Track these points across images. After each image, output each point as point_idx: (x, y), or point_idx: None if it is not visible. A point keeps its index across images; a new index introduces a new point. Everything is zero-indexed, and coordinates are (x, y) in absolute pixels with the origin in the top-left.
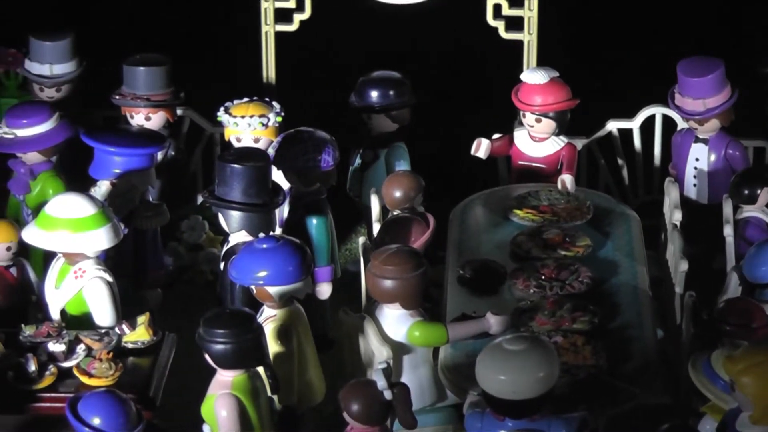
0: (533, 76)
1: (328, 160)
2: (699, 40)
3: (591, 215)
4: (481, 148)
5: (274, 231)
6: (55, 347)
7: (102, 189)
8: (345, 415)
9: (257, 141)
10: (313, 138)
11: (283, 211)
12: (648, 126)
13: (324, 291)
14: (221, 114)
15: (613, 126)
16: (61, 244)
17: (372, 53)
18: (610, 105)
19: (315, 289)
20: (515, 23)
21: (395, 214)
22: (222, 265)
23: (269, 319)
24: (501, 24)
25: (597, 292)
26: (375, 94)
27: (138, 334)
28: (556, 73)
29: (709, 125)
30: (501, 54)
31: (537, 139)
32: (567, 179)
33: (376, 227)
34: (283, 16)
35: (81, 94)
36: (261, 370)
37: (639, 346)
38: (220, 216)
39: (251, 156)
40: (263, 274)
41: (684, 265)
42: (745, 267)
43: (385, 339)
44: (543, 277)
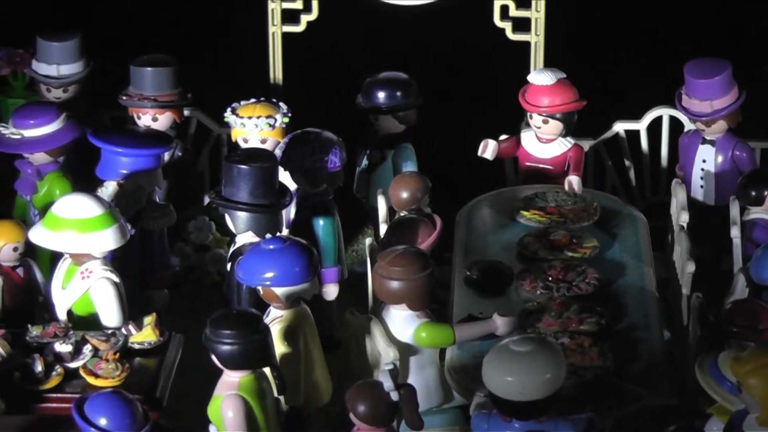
0: (540, 77)
1: (335, 161)
2: (706, 41)
3: (598, 216)
4: (488, 149)
5: (280, 232)
6: (62, 348)
7: (109, 189)
8: (351, 416)
9: (264, 142)
10: (320, 139)
11: (290, 212)
12: (655, 127)
13: (331, 292)
14: (228, 115)
15: (620, 127)
16: (68, 244)
17: (379, 54)
18: (617, 106)
19: (322, 290)
20: (522, 24)
21: (402, 215)
22: (229, 266)
23: (276, 320)
24: (508, 25)
25: (604, 293)
26: (382, 95)
27: (145, 334)
28: (563, 75)
29: (716, 126)
30: (508, 55)
31: (544, 141)
32: (574, 180)
33: (382, 228)
34: (290, 16)
35: (88, 94)
36: (267, 371)
37: (646, 347)
38: (226, 217)
39: (258, 157)
40: (270, 275)
41: (691, 267)
42: (752, 268)
43: (392, 340)
44: (550, 279)
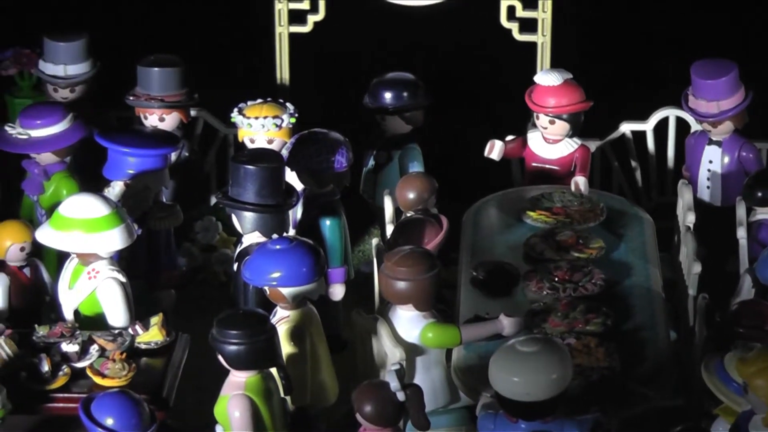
0: (547, 77)
1: (341, 161)
2: (713, 42)
3: (604, 217)
4: (495, 149)
5: (287, 232)
6: (69, 348)
7: (116, 190)
8: (358, 416)
9: (271, 142)
10: (327, 139)
11: (297, 213)
12: (661, 128)
13: (337, 292)
14: (235, 115)
15: (627, 128)
16: (75, 244)
17: (385, 54)
18: (623, 107)
19: (328, 291)
20: (529, 25)
21: (408, 215)
22: (235, 266)
23: (282, 320)
24: (515, 26)
25: (610, 294)
26: (389, 95)
27: (151, 334)
28: (569, 75)
29: (723, 127)
30: (514, 56)
31: (550, 141)
32: (580, 181)
33: (389, 229)
34: (297, 17)
35: (95, 94)
36: (274, 371)
37: (652, 348)
38: (233, 217)
39: (265, 157)
40: (277, 275)
41: (697, 267)
42: (759, 269)
43: (398, 340)
44: (556, 279)
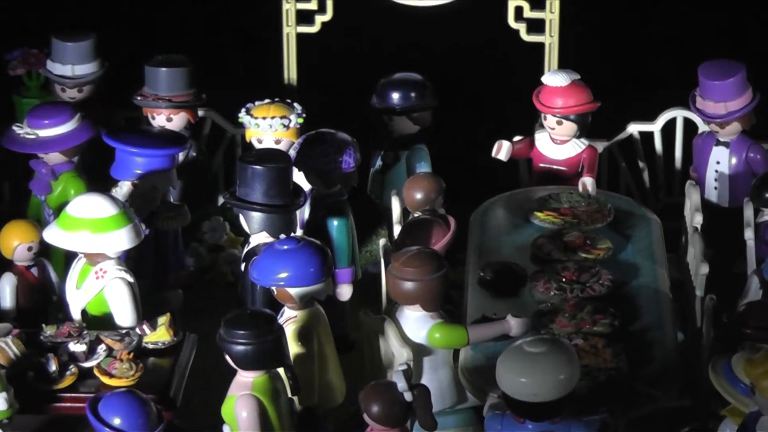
0: (554, 78)
1: (349, 161)
2: (720, 43)
3: (612, 218)
4: (502, 150)
5: (295, 232)
6: (76, 347)
7: (123, 189)
8: (365, 417)
9: (278, 142)
10: (335, 139)
11: (304, 213)
12: (669, 129)
13: (344, 292)
14: (242, 115)
15: (634, 129)
16: (82, 244)
17: (393, 55)
18: (631, 108)
19: (335, 291)
20: (536, 25)
21: (416, 216)
22: (243, 266)
23: (290, 321)
24: (522, 26)
25: (617, 294)
26: (396, 95)
27: (159, 334)
28: (577, 76)
29: (730, 128)
30: (522, 56)
31: (558, 142)
32: (588, 182)
33: (396, 229)
34: (305, 17)
35: (103, 94)
36: (281, 371)
37: (659, 348)
38: (241, 217)
39: (272, 157)
40: (284, 275)
41: (705, 268)
42: (766, 270)
43: (406, 341)
44: (563, 280)
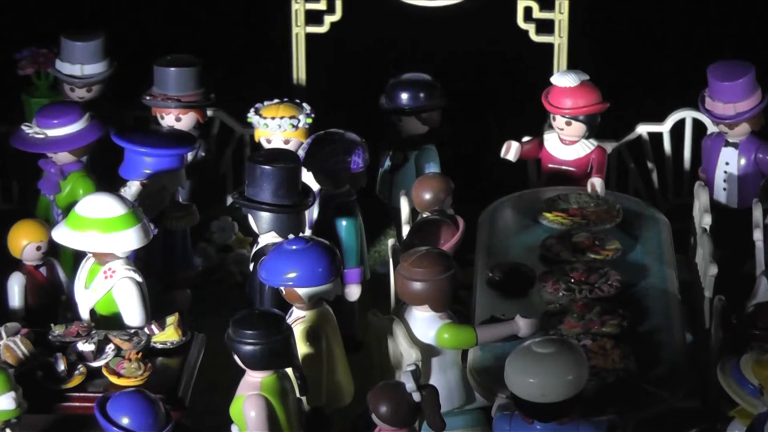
0: (563, 79)
1: (358, 161)
2: (729, 43)
3: (620, 219)
4: (511, 150)
5: (303, 232)
6: (85, 347)
7: (132, 189)
8: (373, 417)
9: (287, 142)
10: (344, 140)
11: (313, 213)
12: (678, 130)
13: (353, 293)
14: (251, 115)
15: (643, 129)
16: (91, 244)
17: (402, 55)
18: (640, 108)
19: (344, 291)
20: (546, 26)
21: (425, 216)
22: (251, 266)
23: (298, 321)
24: (531, 27)
25: (626, 295)
26: (405, 96)
27: (167, 334)
28: (586, 76)
29: (740, 129)
30: (531, 57)
31: (567, 142)
32: (597, 182)
33: (405, 229)
34: (314, 17)
35: (112, 94)
36: (290, 371)
37: (668, 349)
38: (249, 217)
39: (281, 157)
40: (293, 275)
41: (713, 269)
42: None
43: (414, 341)
44: (572, 281)
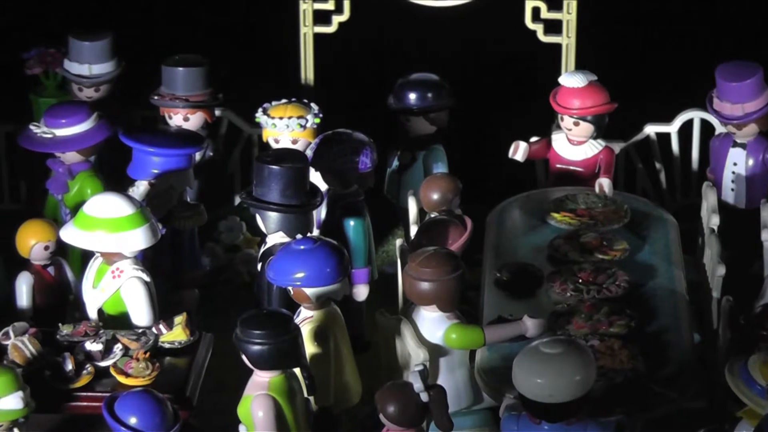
0: (571, 79)
1: (366, 162)
2: (737, 44)
3: (628, 219)
4: (519, 151)
5: (311, 232)
6: (93, 346)
7: (140, 189)
8: (381, 417)
9: (295, 142)
10: (351, 140)
11: (321, 213)
12: (686, 130)
13: (361, 293)
14: (259, 115)
15: (651, 130)
16: (99, 243)
17: (410, 55)
18: (648, 109)
19: (352, 291)
20: (554, 26)
21: (432, 216)
22: (259, 266)
23: (306, 321)
24: (539, 27)
25: (634, 295)
26: (413, 96)
27: (175, 334)
28: (594, 77)
29: (748, 130)
30: (539, 57)
31: (575, 143)
32: (605, 183)
33: (413, 229)
34: (322, 17)
35: (120, 94)
36: (298, 371)
37: (676, 350)
38: (257, 217)
39: (289, 157)
40: (300, 275)
41: (721, 270)
42: None
43: (422, 341)
44: (580, 281)
